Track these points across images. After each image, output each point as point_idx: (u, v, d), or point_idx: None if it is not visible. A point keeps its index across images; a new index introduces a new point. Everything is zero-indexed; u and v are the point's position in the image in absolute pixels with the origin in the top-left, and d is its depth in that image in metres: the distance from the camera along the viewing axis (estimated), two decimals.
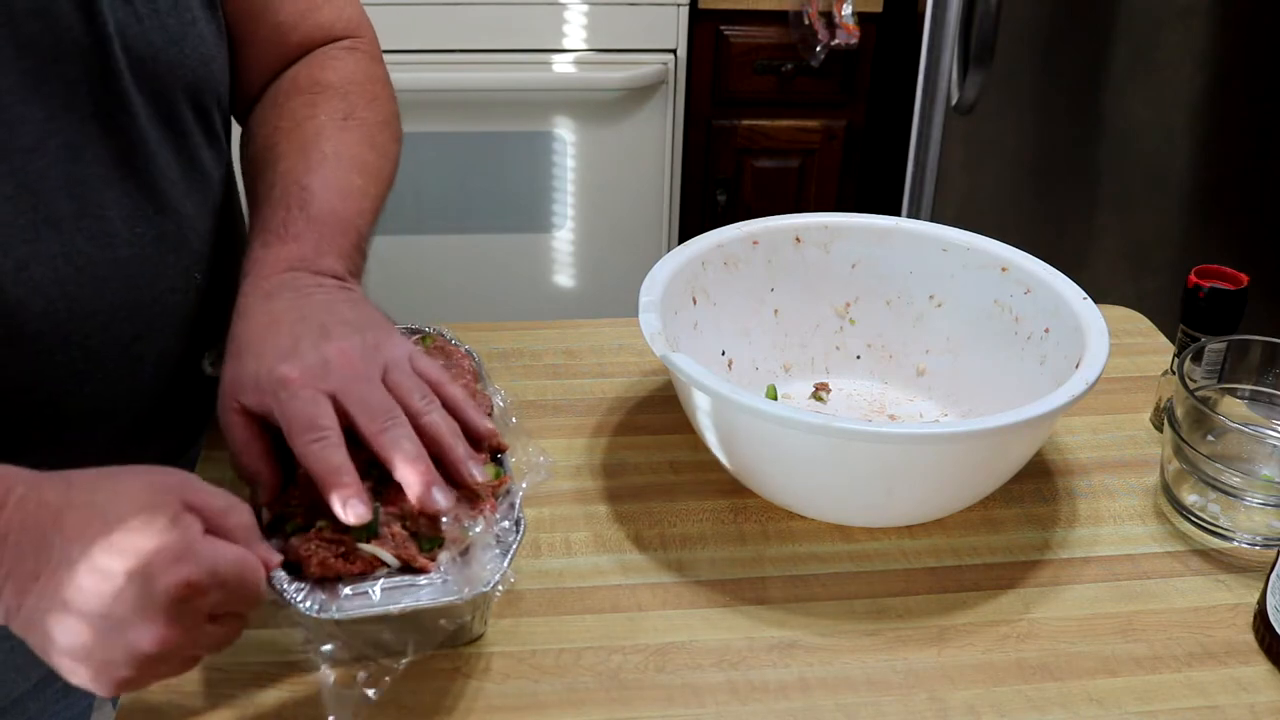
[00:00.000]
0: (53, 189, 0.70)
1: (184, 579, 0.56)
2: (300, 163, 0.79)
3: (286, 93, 0.85)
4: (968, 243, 0.96)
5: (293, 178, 0.78)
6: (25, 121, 0.68)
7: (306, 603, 0.64)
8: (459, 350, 0.84)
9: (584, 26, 1.97)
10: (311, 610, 0.64)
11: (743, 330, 0.98)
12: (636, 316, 0.84)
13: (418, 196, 2.06)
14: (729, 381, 0.79)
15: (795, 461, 0.80)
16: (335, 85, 0.85)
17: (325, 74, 0.85)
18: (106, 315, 0.75)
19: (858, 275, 1.00)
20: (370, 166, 0.82)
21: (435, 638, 0.71)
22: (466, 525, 0.67)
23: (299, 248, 0.74)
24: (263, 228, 0.76)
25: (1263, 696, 0.73)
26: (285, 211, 0.76)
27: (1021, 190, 2.06)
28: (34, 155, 0.68)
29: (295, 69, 0.86)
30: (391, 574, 0.66)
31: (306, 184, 0.77)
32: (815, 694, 0.73)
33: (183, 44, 0.76)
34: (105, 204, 0.73)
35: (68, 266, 0.72)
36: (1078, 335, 0.85)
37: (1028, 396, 0.79)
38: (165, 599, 0.56)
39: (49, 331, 0.72)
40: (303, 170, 0.78)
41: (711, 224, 2.31)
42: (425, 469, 0.64)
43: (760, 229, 0.98)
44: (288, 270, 0.73)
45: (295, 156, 0.79)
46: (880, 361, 1.01)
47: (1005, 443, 0.80)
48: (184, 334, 0.81)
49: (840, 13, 1.96)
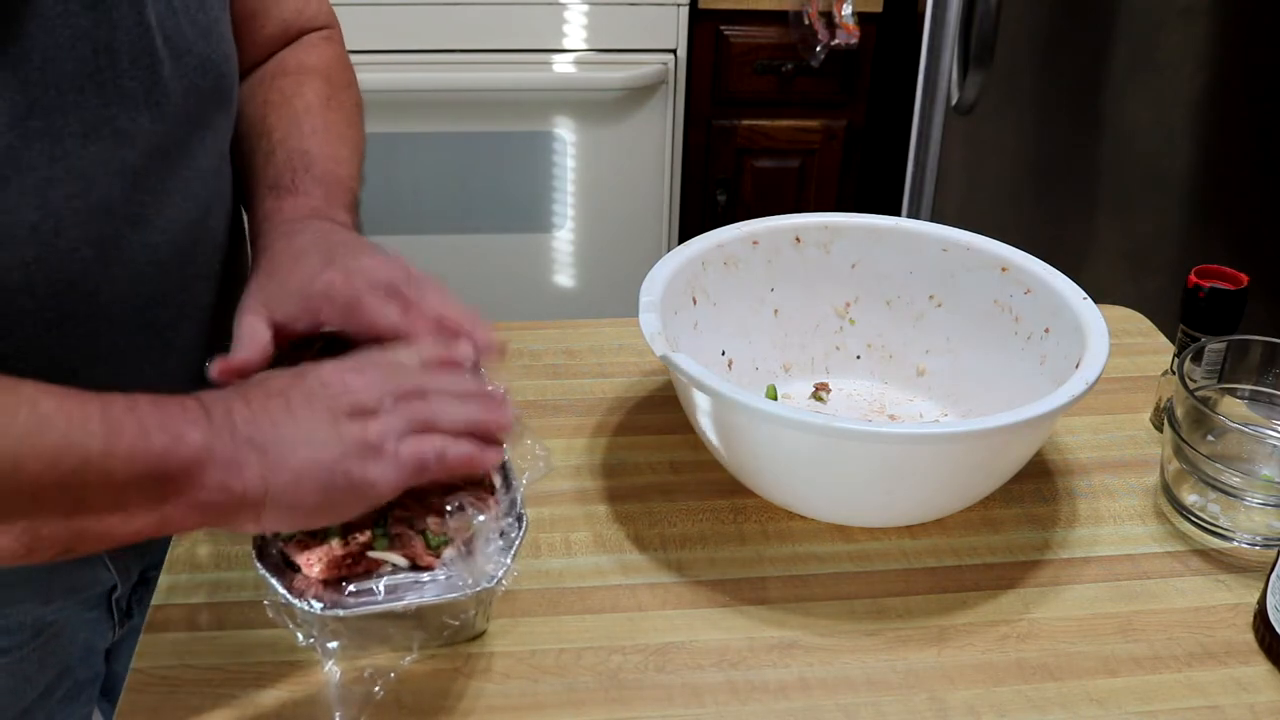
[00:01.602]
0: (103, 176, 0.71)
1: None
2: (295, 132, 0.84)
3: (273, 74, 0.90)
4: (968, 243, 0.96)
5: (291, 144, 0.83)
6: (81, 109, 0.69)
7: (311, 600, 0.64)
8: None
9: (584, 26, 1.97)
10: (316, 608, 0.64)
11: (743, 330, 0.98)
12: (636, 316, 0.84)
13: (418, 196, 2.06)
14: (729, 381, 0.79)
15: (795, 461, 0.80)
16: (319, 69, 0.90)
17: (309, 59, 0.91)
18: (143, 301, 0.76)
19: (858, 275, 1.00)
20: (352, 141, 0.87)
21: (439, 634, 0.71)
22: (470, 514, 0.67)
23: (310, 200, 0.79)
24: (272, 184, 0.81)
25: (1263, 696, 0.73)
26: (291, 171, 0.81)
27: (1021, 190, 2.06)
28: (88, 141, 0.70)
29: (281, 54, 0.92)
30: (396, 570, 0.66)
31: (306, 149, 0.83)
32: (815, 694, 0.73)
33: (209, 38, 0.79)
34: (147, 192, 0.75)
35: (113, 252, 0.73)
36: (1078, 335, 0.85)
37: (1028, 396, 0.79)
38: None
39: (87, 317, 0.73)
40: (298, 138, 0.83)
41: (711, 224, 2.30)
42: (462, 311, 0.72)
43: (760, 229, 0.98)
44: (305, 218, 0.78)
45: (289, 127, 0.84)
46: (880, 361, 1.01)
47: (1005, 443, 0.80)
48: (205, 324, 0.83)
49: (840, 13, 1.96)
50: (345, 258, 0.73)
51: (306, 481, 0.62)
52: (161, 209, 0.76)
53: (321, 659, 0.66)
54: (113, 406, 0.59)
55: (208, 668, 0.73)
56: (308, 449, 0.62)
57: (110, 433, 0.58)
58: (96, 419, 0.58)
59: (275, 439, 0.62)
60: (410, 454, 0.64)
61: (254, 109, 0.87)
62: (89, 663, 0.86)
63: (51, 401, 0.58)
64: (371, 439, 0.63)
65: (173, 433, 0.60)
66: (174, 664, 0.73)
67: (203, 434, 0.60)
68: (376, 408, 0.64)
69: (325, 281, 0.71)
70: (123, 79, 0.71)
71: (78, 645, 0.84)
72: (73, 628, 0.83)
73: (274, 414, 0.62)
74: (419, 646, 0.71)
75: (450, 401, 0.67)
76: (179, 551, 0.82)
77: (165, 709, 0.70)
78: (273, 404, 0.63)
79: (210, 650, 0.74)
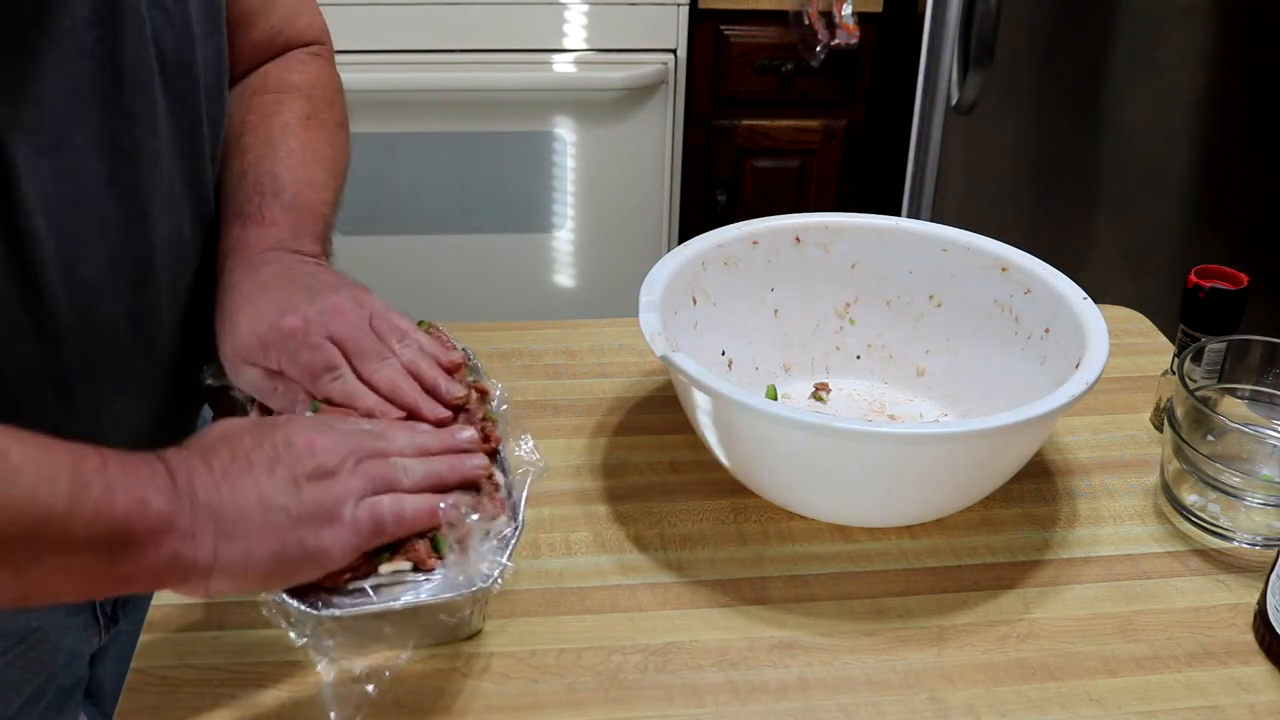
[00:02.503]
0: (102, 191, 0.71)
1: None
2: (269, 154, 0.83)
3: (254, 90, 0.89)
4: (968, 243, 0.96)
5: (263, 167, 0.83)
6: (82, 124, 0.69)
7: (306, 600, 0.64)
8: (449, 342, 0.85)
9: (584, 26, 1.97)
10: (311, 608, 0.64)
11: (743, 330, 0.98)
12: (636, 316, 0.84)
13: (418, 196, 2.06)
14: (729, 381, 0.79)
15: (795, 461, 0.80)
16: (300, 87, 0.89)
17: (292, 76, 0.90)
18: (138, 317, 0.77)
19: (858, 275, 1.00)
20: (330, 162, 0.87)
21: (435, 633, 0.71)
22: (465, 514, 0.67)
23: (277, 231, 0.79)
24: (238, 212, 0.81)
25: (1263, 696, 0.73)
26: (260, 198, 0.81)
27: (1021, 190, 2.06)
28: (87, 157, 0.70)
29: (264, 69, 0.90)
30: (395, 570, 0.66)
31: (277, 173, 0.82)
32: (815, 694, 0.73)
33: (204, 52, 0.79)
34: (142, 206, 0.75)
35: (111, 268, 0.73)
36: (1078, 335, 0.85)
37: (1028, 396, 0.79)
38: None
39: (87, 331, 0.73)
40: (271, 161, 0.83)
41: (711, 224, 2.31)
42: (417, 389, 0.72)
43: (760, 229, 0.98)
44: (270, 250, 0.78)
45: (263, 148, 0.84)
46: (880, 361, 1.01)
47: (1005, 443, 0.80)
48: (182, 329, 0.82)
49: (840, 13, 1.96)
50: (304, 301, 0.73)
51: (259, 552, 0.62)
52: (154, 224, 0.76)
53: (315, 659, 0.66)
54: (83, 463, 0.59)
55: (208, 668, 0.73)
56: (262, 517, 0.62)
57: (76, 491, 0.58)
58: (65, 475, 0.58)
59: (234, 509, 0.62)
60: (366, 517, 0.64)
61: (232, 128, 0.86)
62: (73, 669, 0.86)
63: (21, 452, 0.58)
64: (329, 504, 0.63)
65: (137, 497, 0.59)
66: (174, 664, 0.73)
67: (166, 501, 0.60)
68: (338, 469, 0.64)
69: (280, 328, 0.71)
70: (124, 95, 0.71)
71: (62, 652, 0.84)
72: (57, 634, 0.83)
73: (235, 480, 0.62)
74: (415, 646, 0.71)
75: (413, 461, 0.67)
76: None
77: (165, 709, 0.70)
78: (235, 469, 0.63)
79: (210, 650, 0.74)
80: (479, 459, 0.70)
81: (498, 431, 0.75)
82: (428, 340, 0.76)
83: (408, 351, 0.73)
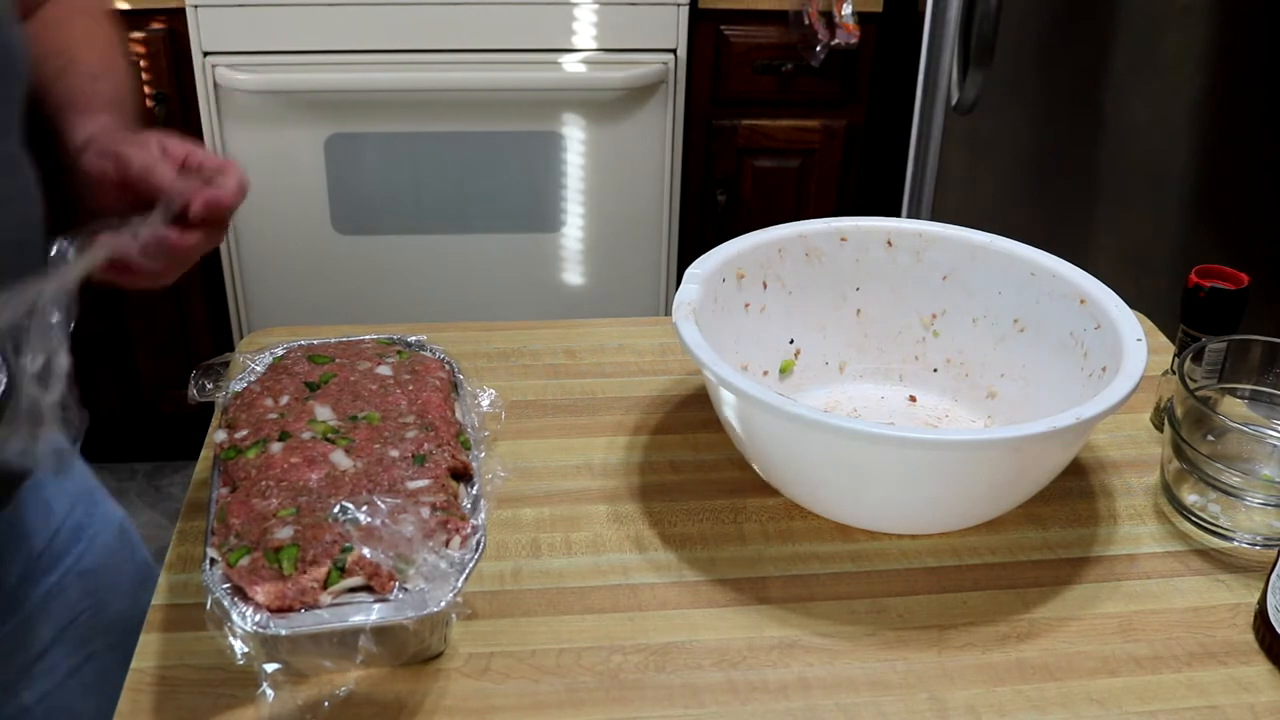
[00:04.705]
0: None
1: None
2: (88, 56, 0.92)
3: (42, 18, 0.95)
4: (1054, 269, 0.93)
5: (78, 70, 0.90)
6: None
7: (251, 617, 0.63)
8: (434, 359, 0.87)
9: (584, 26, 1.97)
10: (257, 626, 0.63)
11: (818, 323, 0.98)
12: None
13: (418, 196, 2.06)
14: (742, 373, 0.79)
15: (811, 462, 0.80)
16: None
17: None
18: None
19: (948, 288, 0.98)
20: (121, 69, 0.94)
21: (392, 653, 0.70)
22: (413, 535, 0.67)
23: (107, 117, 0.86)
24: (69, 103, 0.88)
25: (1263, 696, 0.73)
26: (83, 98, 0.88)
27: (1021, 190, 2.06)
28: None
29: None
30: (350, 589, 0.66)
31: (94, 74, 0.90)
32: (815, 694, 0.73)
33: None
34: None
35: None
36: (1123, 380, 0.81)
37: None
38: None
39: None
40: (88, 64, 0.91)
41: (712, 224, 2.29)
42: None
43: (850, 226, 0.97)
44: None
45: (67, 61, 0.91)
46: (955, 378, 0.99)
47: (1040, 452, 0.79)
48: None
49: (840, 13, 1.96)
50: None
51: None
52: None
53: (259, 677, 0.65)
54: None
55: (208, 668, 0.73)
56: None
57: None
58: None
59: None
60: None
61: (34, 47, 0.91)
62: None
63: None
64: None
65: None
66: (174, 664, 0.73)
67: None
68: None
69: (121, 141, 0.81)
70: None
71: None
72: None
73: None
74: (373, 666, 0.70)
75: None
76: (179, 551, 0.82)
77: (165, 709, 0.70)
78: None
79: (210, 650, 0.74)
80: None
81: (472, 463, 0.77)
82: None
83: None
